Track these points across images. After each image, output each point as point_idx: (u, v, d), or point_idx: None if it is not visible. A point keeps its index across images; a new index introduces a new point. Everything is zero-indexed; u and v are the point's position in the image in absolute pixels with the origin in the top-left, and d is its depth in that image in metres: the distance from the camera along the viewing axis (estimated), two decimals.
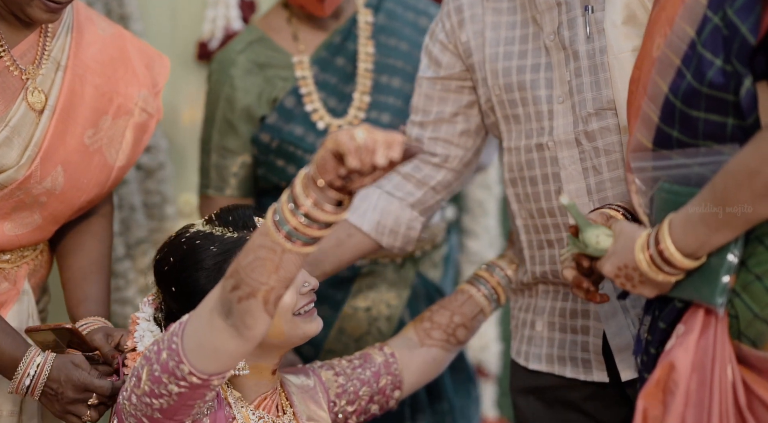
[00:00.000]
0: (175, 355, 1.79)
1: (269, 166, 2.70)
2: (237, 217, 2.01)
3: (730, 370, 1.64)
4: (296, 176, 1.67)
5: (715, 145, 1.66)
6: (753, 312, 1.64)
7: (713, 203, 1.61)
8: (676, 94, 1.69)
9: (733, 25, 1.62)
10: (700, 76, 1.65)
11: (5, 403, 2.21)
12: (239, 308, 1.72)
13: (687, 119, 1.69)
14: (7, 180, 2.12)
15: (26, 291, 2.26)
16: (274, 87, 2.70)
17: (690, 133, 1.69)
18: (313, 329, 2.02)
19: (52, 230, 2.28)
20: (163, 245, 2.03)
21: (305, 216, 1.65)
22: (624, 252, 1.73)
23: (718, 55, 1.63)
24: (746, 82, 1.61)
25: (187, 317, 1.81)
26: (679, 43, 1.69)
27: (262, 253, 1.68)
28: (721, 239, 1.63)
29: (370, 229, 2.34)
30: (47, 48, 2.17)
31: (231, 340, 1.75)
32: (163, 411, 1.84)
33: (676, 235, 1.66)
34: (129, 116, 2.28)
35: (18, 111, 2.12)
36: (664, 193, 1.72)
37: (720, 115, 1.65)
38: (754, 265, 1.65)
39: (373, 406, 2.23)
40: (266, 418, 2.03)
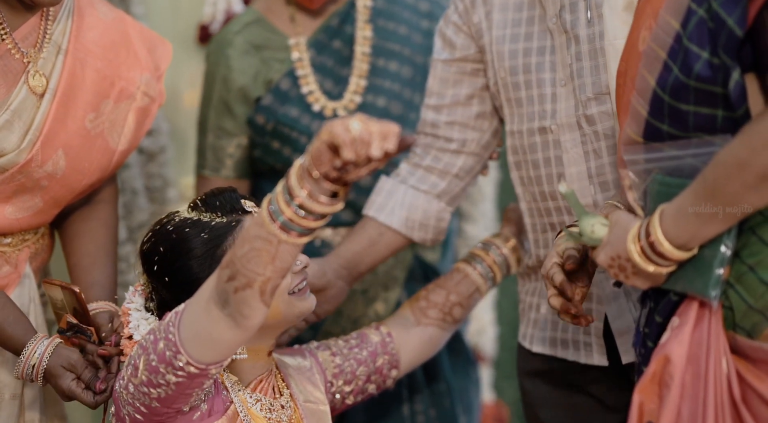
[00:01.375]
0: (172, 346, 1.79)
1: (265, 148, 2.71)
2: (224, 201, 2.00)
3: (724, 363, 1.64)
4: (291, 166, 1.66)
5: (706, 136, 1.65)
6: (747, 303, 1.64)
7: (704, 195, 1.61)
8: (664, 88, 1.69)
9: (719, 17, 1.61)
10: (688, 69, 1.65)
11: (7, 387, 2.22)
12: (236, 298, 1.72)
13: (676, 113, 1.68)
14: (8, 163, 2.13)
15: (27, 275, 2.27)
16: (270, 68, 2.71)
17: (680, 127, 1.69)
18: (308, 306, 2.03)
19: (54, 214, 2.28)
20: (149, 234, 2.02)
21: (300, 207, 1.64)
22: (618, 242, 1.72)
23: (705, 47, 1.63)
24: (734, 75, 1.60)
25: (183, 307, 1.81)
26: (665, 37, 1.68)
27: (257, 243, 1.68)
28: (712, 231, 1.63)
29: (400, 226, 2.37)
30: (48, 31, 2.17)
31: (228, 329, 1.75)
32: (161, 400, 1.84)
33: (667, 227, 1.65)
34: (131, 100, 2.28)
35: (19, 94, 2.12)
36: (657, 185, 1.71)
37: (709, 107, 1.65)
38: (747, 256, 1.65)
39: (371, 385, 2.24)
40: (263, 400, 2.03)
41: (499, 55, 2.23)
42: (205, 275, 1.92)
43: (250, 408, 1.99)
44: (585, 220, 1.81)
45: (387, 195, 2.39)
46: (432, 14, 2.77)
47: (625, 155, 1.76)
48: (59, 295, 2.11)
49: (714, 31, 1.62)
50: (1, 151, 2.11)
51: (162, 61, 2.36)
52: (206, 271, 1.94)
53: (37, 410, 2.27)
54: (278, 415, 2.03)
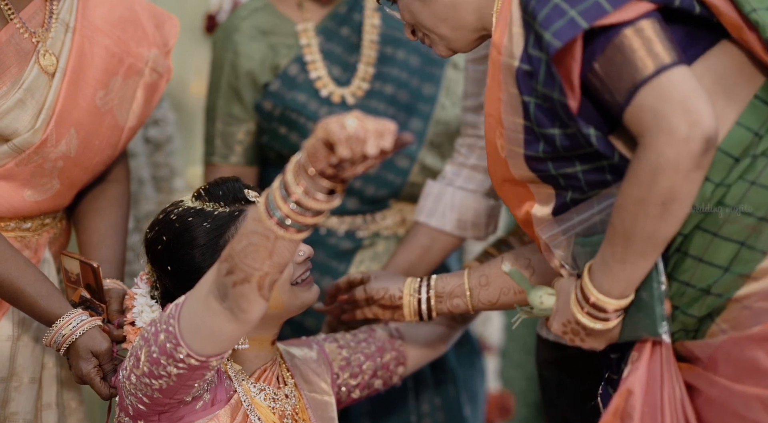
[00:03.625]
0: (173, 338, 1.79)
1: (272, 133, 2.72)
2: (226, 190, 1.99)
3: (677, 389, 1.70)
4: (288, 163, 1.64)
5: (603, 190, 1.71)
6: (693, 316, 1.71)
7: (620, 242, 1.65)
8: (546, 171, 1.75)
9: (546, 96, 1.69)
10: (553, 147, 1.72)
11: (26, 371, 2.24)
12: (234, 292, 1.72)
13: (568, 178, 1.73)
14: (24, 144, 2.14)
15: (47, 259, 2.28)
16: (277, 54, 2.71)
17: (578, 190, 1.75)
18: (311, 297, 2.03)
19: (71, 196, 2.29)
20: (153, 223, 2.02)
21: (296, 203, 1.63)
22: (564, 308, 1.77)
23: (554, 125, 1.70)
24: (591, 132, 1.67)
25: (183, 299, 1.81)
26: (517, 135, 1.76)
27: (255, 239, 1.67)
28: (641, 271, 1.67)
29: (453, 229, 2.38)
30: (54, 10, 2.17)
31: (227, 323, 1.75)
32: (162, 391, 1.85)
33: (599, 282, 1.69)
34: (139, 76, 2.29)
35: (31, 74, 2.13)
36: (580, 248, 1.75)
37: (592, 162, 1.71)
38: (680, 274, 1.71)
39: (377, 381, 2.24)
40: (267, 390, 2.04)
41: None
42: (208, 265, 1.93)
43: (253, 397, 2.00)
44: (533, 293, 1.87)
45: (435, 199, 2.40)
46: None
47: (542, 235, 1.80)
48: (75, 269, 2.11)
49: (551, 109, 1.69)
50: (15, 131, 2.12)
51: (170, 37, 2.36)
52: (208, 260, 1.95)
53: (55, 394, 2.28)
54: (282, 405, 2.04)
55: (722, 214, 1.67)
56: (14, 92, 2.11)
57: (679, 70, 1.62)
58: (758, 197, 1.67)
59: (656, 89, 1.61)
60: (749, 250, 1.67)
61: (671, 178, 1.59)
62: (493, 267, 2.09)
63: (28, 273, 2.08)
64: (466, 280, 2.11)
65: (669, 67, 1.62)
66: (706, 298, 1.69)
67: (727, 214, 1.67)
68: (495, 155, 1.83)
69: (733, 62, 1.72)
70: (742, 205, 1.67)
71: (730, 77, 1.72)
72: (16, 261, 2.08)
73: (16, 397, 2.23)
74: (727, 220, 1.68)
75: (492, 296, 2.09)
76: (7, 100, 2.10)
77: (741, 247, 1.67)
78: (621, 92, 1.64)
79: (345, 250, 2.73)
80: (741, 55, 1.72)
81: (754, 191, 1.67)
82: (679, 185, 1.59)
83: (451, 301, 2.13)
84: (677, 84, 1.61)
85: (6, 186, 2.17)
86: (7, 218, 2.20)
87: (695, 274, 1.70)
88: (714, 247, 1.68)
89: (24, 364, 2.24)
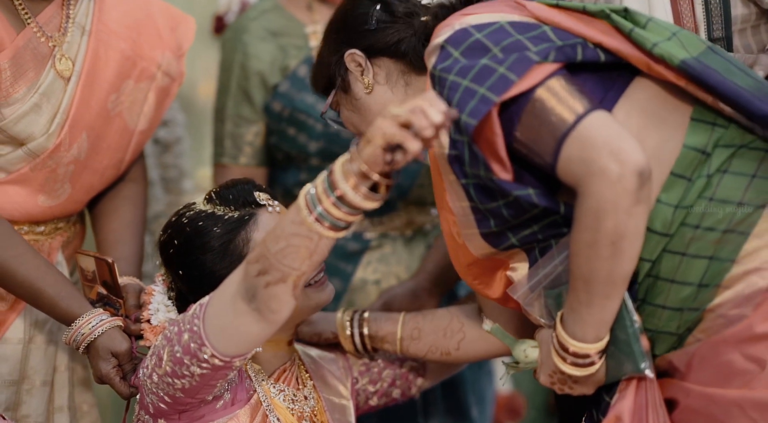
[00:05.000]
0: (197, 338, 1.80)
1: (281, 134, 2.72)
2: (237, 194, 2.00)
3: (661, 412, 1.74)
4: (333, 165, 1.65)
5: (561, 239, 1.75)
6: (675, 334, 1.75)
7: (582, 288, 1.69)
8: (506, 240, 1.79)
9: (477, 175, 1.75)
10: (502, 218, 1.77)
11: (38, 373, 2.24)
12: (265, 293, 1.73)
13: (529, 240, 1.79)
14: (38, 148, 2.14)
15: (59, 262, 2.28)
16: (287, 55, 2.71)
17: (543, 248, 1.80)
18: (325, 298, 2.04)
19: (85, 201, 2.30)
20: (166, 226, 2.03)
21: (340, 199, 1.64)
22: (548, 360, 1.80)
23: (495, 199, 1.76)
24: (530, 192, 1.72)
25: (208, 299, 1.82)
26: (467, 218, 1.82)
27: (296, 240, 1.69)
28: (610, 312, 1.70)
29: None
30: (71, 14, 2.17)
31: (254, 323, 1.76)
32: (185, 390, 1.86)
33: (572, 330, 1.73)
34: (151, 80, 2.29)
35: (47, 78, 2.13)
36: (552, 299, 1.79)
37: (544, 220, 1.76)
38: (654, 298, 1.74)
39: (395, 390, 2.24)
40: (287, 391, 2.04)
41: None
42: (218, 269, 1.94)
43: (273, 398, 2.01)
44: (516, 348, 1.90)
45: None
46: None
47: (514, 296, 1.83)
48: (91, 266, 2.12)
49: (485, 185, 1.75)
50: (30, 135, 2.13)
51: (184, 40, 2.36)
52: (220, 264, 1.95)
53: (67, 396, 2.29)
54: (301, 407, 2.04)
55: (689, 234, 1.71)
56: (30, 96, 2.11)
57: (595, 115, 1.66)
58: (719, 212, 1.70)
59: (578, 139, 1.65)
60: (718, 263, 1.70)
61: (614, 218, 1.62)
62: (427, 320, 2.13)
63: (48, 274, 2.08)
64: (399, 329, 2.16)
65: (585, 115, 1.66)
66: (683, 314, 1.72)
67: (693, 233, 1.71)
68: (454, 244, 1.88)
69: (656, 93, 1.77)
70: (705, 222, 1.70)
71: (660, 107, 1.76)
72: (37, 262, 2.09)
73: (28, 399, 2.24)
74: (692, 238, 1.71)
75: (420, 351, 2.15)
76: (24, 104, 2.10)
77: (710, 262, 1.71)
78: (547, 152, 1.68)
79: (352, 251, 2.73)
80: (662, 84, 1.77)
81: (714, 207, 1.71)
82: (623, 223, 1.62)
83: (382, 344, 2.18)
84: (597, 129, 1.65)
85: (21, 191, 2.17)
86: (21, 222, 2.20)
87: (669, 296, 1.73)
88: (684, 267, 1.72)
89: (36, 366, 2.25)
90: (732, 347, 1.69)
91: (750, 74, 1.77)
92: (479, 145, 1.73)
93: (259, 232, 1.97)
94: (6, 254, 2.06)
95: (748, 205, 1.69)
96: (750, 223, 1.69)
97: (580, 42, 1.75)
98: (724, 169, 1.71)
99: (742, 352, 1.68)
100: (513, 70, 1.69)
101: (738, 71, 1.75)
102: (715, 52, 1.77)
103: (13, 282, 2.07)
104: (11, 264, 2.06)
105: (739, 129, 1.73)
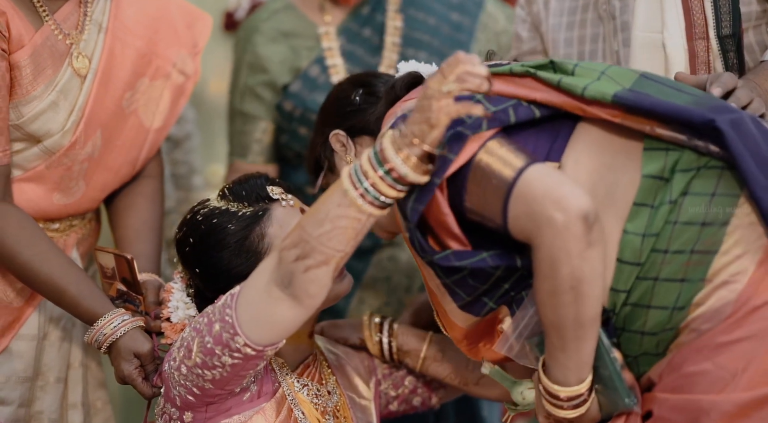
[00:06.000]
0: (230, 328, 1.81)
1: (292, 134, 2.73)
2: (250, 189, 2.01)
3: None
4: (379, 146, 1.70)
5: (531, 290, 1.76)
6: (659, 354, 1.76)
7: (555, 334, 1.72)
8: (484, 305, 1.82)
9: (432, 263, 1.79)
10: (470, 288, 1.80)
11: (52, 370, 2.25)
12: (305, 277, 1.75)
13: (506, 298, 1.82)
14: (54, 146, 2.15)
15: (74, 259, 2.28)
16: (298, 56, 2.72)
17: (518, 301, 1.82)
18: (344, 288, 2.06)
19: (100, 199, 2.31)
20: (181, 224, 2.04)
21: (388, 172, 1.69)
22: (541, 404, 1.81)
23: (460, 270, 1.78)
24: (484, 255, 1.75)
25: (239, 289, 1.83)
26: (443, 295, 1.85)
27: (342, 222, 1.72)
28: (585, 353, 1.73)
29: None
30: (88, 11, 2.18)
31: (290, 309, 1.78)
32: (215, 381, 1.87)
33: (554, 376, 1.75)
34: (166, 78, 2.30)
35: (64, 76, 2.14)
36: (535, 346, 1.80)
37: (510, 277, 1.78)
38: (632, 325, 1.76)
39: (416, 398, 2.25)
40: (310, 385, 2.06)
41: (554, 43, 2.26)
42: (235, 266, 1.96)
43: (297, 392, 2.02)
44: (515, 390, 1.93)
45: None
46: (463, 7, 2.78)
47: (501, 350, 1.85)
48: (110, 263, 2.13)
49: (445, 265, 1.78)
50: (47, 132, 2.14)
51: (200, 37, 2.37)
52: (235, 261, 1.97)
53: (80, 393, 2.30)
54: (324, 401, 2.06)
55: (659, 259, 1.73)
56: (48, 94, 2.12)
57: (533, 168, 1.69)
58: (685, 234, 1.72)
59: (520, 195, 1.68)
60: (690, 284, 1.72)
61: (568, 264, 1.65)
62: (454, 346, 2.13)
63: (71, 272, 2.09)
64: (424, 347, 2.20)
65: (524, 170, 1.69)
66: (661, 335, 1.74)
67: (663, 258, 1.73)
68: (446, 319, 1.91)
69: (601, 134, 1.78)
70: (673, 246, 1.72)
71: (608, 146, 1.77)
72: (60, 261, 2.10)
73: (42, 396, 2.25)
74: (663, 262, 1.73)
75: (439, 374, 2.20)
76: (41, 101, 2.11)
77: (682, 284, 1.73)
78: (497, 214, 1.71)
79: (365, 248, 2.74)
80: (606, 124, 1.79)
81: (679, 230, 1.72)
82: (578, 268, 1.65)
83: (405, 357, 2.21)
84: (536, 181, 1.67)
85: (36, 189, 2.18)
86: (36, 219, 2.21)
87: (647, 321, 1.75)
88: (657, 292, 1.73)
89: (50, 363, 2.26)
90: (702, 356, 1.71)
91: (686, 91, 1.79)
92: (433, 226, 1.77)
93: (273, 226, 1.98)
94: (30, 252, 2.07)
95: (712, 225, 1.71)
96: (716, 241, 1.71)
97: (512, 104, 1.79)
98: (686, 192, 1.73)
99: (712, 361, 1.70)
100: (450, 149, 1.73)
101: (673, 91, 1.78)
102: (648, 78, 1.79)
103: (37, 280, 2.09)
104: (35, 262, 2.07)
105: (693, 152, 1.75)
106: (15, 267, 2.09)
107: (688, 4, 2.08)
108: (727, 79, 1.87)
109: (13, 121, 2.10)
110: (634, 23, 2.12)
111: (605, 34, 2.19)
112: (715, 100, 1.80)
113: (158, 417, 1.98)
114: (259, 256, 1.96)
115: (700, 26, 2.07)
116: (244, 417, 1.95)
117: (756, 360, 1.67)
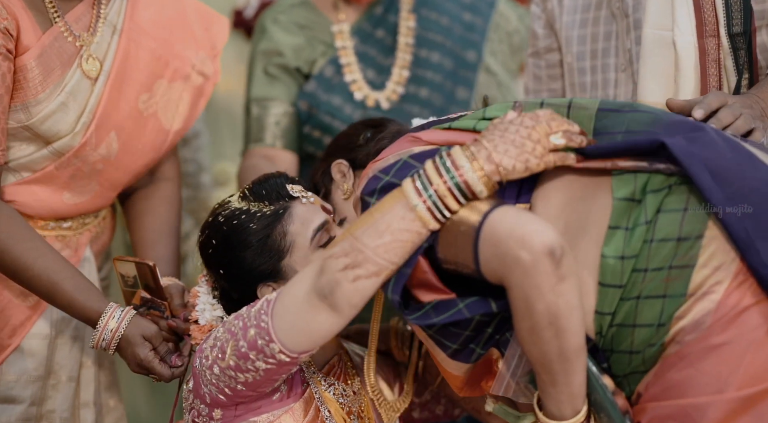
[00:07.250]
0: (265, 334, 1.80)
1: (305, 136, 2.72)
2: (270, 189, 2.01)
3: None
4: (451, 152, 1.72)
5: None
6: (644, 371, 1.76)
7: (542, 370, 1.72)
8: (473, 351, 1.83)
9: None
10: (454, 336, 1.81)
11: (64, 369, 2.25)
12: (351, 287, 1.75)
13: (492, 341, 1.82)
14: (64, 147, 2.14)
15: (87, 258, 2.28)
16: (313, 48, 2.71)
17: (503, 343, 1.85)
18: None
19: (112, 197, 2.30)
20: (203, 227, 2.04)
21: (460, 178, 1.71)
22: None
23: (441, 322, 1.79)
24: (460, 305, 1.75)
25: (276, 295, 1.82)
26: (433, 347, 1.86)
27: (404, 236, 1.72)
28: (575, 385, 1.73)
29: None
30: (102, 13, 2.17)
31: (329, 318, 1.77)
32: (247, 384, 1.86)
33: (549, 411, 1.76)
34: (185, 80, 2.29)
35: (73, 78, 2.13)
36: (530, 382, 1.81)
37: (492, 321, 1.80)
38: (620, 345, 1.76)
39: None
40: (336, 385, 2.06)
41: (567, 40, 2.27)
42: (258, 265, 1.96)
43: (324, 392, 2.02)
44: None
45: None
46: (475, 7, 2.78)
47: (499, 393, 1.86)
48: (132, 272, 2.11)
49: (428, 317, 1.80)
50: (57, 134, 2.13)
51: (218, 39, 2.36)
52: (258, 261, 1.97)
53: (93, 392, 2.30)
54: (349, 402, 2.06)
55: (640, 278, 1.73)
56: (57, 95, 2.11)
57: (496, 211, 1.70)
58: (663, 251, 1.72)
59: (486, 239, 1.69)
60: (671, 299, 1.72)
61: (543, 301, 1.65)
62: None
63: (66, 268, 2.08)
64: None
65: (488, 214, 1.70)
66: (648, 351, 1.75)
67: (643, 276, 1.73)
68: (443, 370, 1.91)
69: (568, 169, 1.78)
70: (652, 264, 1.73)
71: (576, 178, 1.78)
72: (54, 257, 2.08)
73: (54, 395, 2.24)
74: (644, 281, 1.73)
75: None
76: (50, 102, 2.11)
77: (664, 300, 1.73)
78: (469, 260, 1.71)
79: None
80: None
81: (656, 248, 1.73)
82: (553, 303, 1.65)
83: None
84: (500, 223, 1.68)
85: (46, 189, 2.18)
86: (47, 218, 2.21)
87: (634, 341, 1.75)
88: (641, 310, 1.74)
89: (62, 362, 2.25)
90: (685, 363, 1.72)
91: (643, 110, 1.80)
92: (415, 288, 1.78)
93: (295, 224, 1.98)
94: (22, 246, 2.05)
95: (687, 239, 1.72)
96: (692, 255, 1.71)
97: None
98: (659, 210, 1.74)
99: (695, 367, 1.71)
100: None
101: (631, 115, 1.78)
102: (605, 110, 1.80)
103: (30, 275, 2.06)
104: (28, 256, 2.05)
105: (660, 174, 1.76)
106: (6, 262, 2.06)
107: (699, 2, 2.08)
108: (712, 99, 1.88)
109: (24, 122, 2.10)
110: (645, 20, 2.12)
111: (618, 31, 2.20)
112: (673, 117, 1.80)
113: (186, 411, 1.98)
114: (281, 254, 1.96)
115: (711, 24, 2.07)
116: (272, 416, 1.95)
117: (743, 365, 1.68)
